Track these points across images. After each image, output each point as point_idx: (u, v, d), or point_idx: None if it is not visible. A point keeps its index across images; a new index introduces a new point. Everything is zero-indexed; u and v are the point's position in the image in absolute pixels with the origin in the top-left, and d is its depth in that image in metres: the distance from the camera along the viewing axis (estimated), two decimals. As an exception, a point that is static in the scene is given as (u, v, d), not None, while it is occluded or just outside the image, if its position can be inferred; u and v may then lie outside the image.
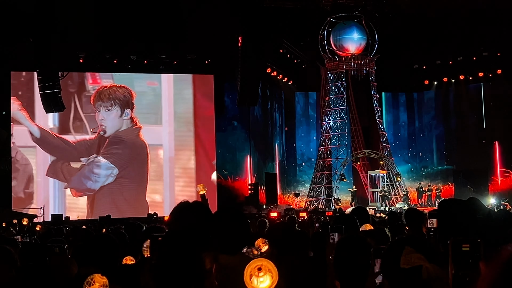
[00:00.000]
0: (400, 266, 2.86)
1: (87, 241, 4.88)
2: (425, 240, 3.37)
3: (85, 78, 30.82)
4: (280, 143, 37.19)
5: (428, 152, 38.63)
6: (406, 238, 3.10)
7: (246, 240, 3.84)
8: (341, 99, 36.22)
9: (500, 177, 35.15)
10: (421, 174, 38.25)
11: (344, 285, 3.75)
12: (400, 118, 39.49)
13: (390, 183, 34.81)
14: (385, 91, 38.32)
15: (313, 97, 38.88)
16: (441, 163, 38.11)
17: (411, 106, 39.52)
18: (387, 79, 36.38)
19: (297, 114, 38.65)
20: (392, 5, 32.29)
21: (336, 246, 3.99)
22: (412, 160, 38.98)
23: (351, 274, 3.73)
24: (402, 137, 39.35)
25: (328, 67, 36.23)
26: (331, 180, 35.60)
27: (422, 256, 2.87)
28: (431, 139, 38.66)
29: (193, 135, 31.89)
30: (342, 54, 35.65)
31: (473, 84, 36.19)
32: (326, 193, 35.38)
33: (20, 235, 11.67)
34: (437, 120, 38.57)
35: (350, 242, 3.89)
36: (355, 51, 35.47)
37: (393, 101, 39.64)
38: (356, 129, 36.45)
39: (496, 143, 35.74)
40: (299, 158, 38.37)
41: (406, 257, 2.88)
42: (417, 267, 2.82)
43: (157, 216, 26.27)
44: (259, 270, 2.82)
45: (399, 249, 2.92)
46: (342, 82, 36.07)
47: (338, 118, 36.20)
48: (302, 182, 37.88)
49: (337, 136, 36.27)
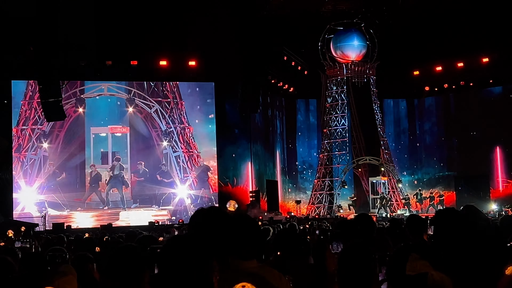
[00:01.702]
0: (406, 273, 2.84)
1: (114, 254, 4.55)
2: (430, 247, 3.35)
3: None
4: (281, 150, 37.18)
5: (429, 158, 38.58)
6: (412, 245, 3.08)
7: (260, 246, 3.86)
8: (341, 106, 36.23)
9: (502, 183, 35.11)
10: (422, 180, 38.19)
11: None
12: (401, 125, 39.49)
13: (391, 189, 34.78)
14: (386, 97, 38.32)
15: (313, 104, 38.88)
16: (442, 169, 38.06)
17: (412, 113, 39.52)
18: (388, 86, 36.38)
19: (298, 121, 38.66)
20: (392, 12, 32.31)
21: (339, 255, 3.97)
22: (413, 166, 38.93)
23: (354, 283, 3.71)
24: (403, 143, 39.33)
25: (329, 74, 36.26)
26: (333, 187, 35.59)
27: (428, 263, 2.85)
28: (432, 145, 38.63)
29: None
30: (343, 61, 35.69)
31: (474, 90, 36.17)
32: (327, 200, 35.34)
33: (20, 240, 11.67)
34: (437, 126, 38.55)
35: (354, 251, 3.86)
36: (356, 58, 35.51)
37: (394, 108, 39.64)
38: (357, 136, 36.42)
39: (497, 149, 35.71)
40: (300, 165, 38.36)
41: (411, 264, 2.86)
42: (423, 274, 2.80)
43: (159, 224, 26.29)
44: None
45: (405, 256, 2.91)
46: (343, 89, 36.09)
47: (339, 125, 36.20)
48: (303, 189, 37.86)
49: (338, 142, 36.26)
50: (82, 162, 30.87)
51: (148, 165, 31.59)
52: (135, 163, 31.54)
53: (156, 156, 31.83)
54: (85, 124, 30.88)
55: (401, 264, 2.86)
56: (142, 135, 31.90)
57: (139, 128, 31.76)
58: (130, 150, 31.62)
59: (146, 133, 31.90)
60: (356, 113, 36.32)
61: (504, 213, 27.35)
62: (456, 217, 4.09)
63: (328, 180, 35.89)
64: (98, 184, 31.03)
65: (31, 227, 23.05)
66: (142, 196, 31.45)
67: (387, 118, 38.77)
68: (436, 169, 38.24)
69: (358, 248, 3.86)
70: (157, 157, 31.83)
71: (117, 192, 31.06)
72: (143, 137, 31.88)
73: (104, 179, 31.02)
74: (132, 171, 31.47)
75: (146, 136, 31.91)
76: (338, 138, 36.24)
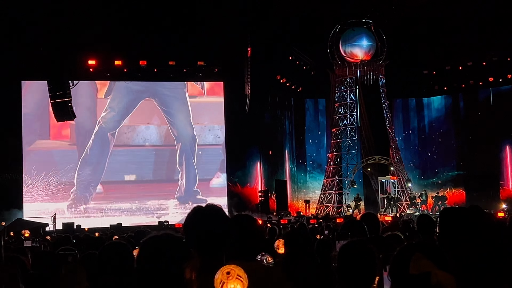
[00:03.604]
0: (409, 272, 2.86)
1: (101, 250, 4.74)
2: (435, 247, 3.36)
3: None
4: (290, 150, 37.14)
5: (438, 157, 38.44)
6: (416, 244, 3.09)
7: (260, 247, 3.85)
8: (351, 105, 36.17)
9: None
10: (431, 179, 38.06)
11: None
12: (410, 124, 39.38)
13: (400, 189, 34.68)
14: (395, 97, 38.21)
15: (322, 103, 38.83)
16: (452, 168, 37.93)
17: (421, 112, 39.39)
18: (397, 85, 36.28)
19: (307, 121, 38.59)
20: (401, 11, 32.22)
21: (339, 252, 3.98)
22: (423, 165, 38.80)
23: (354, 280, 3.73)
24: (412, 142, 39.21)
25: (338, 73, 36.19)
26: (342, 186, 35.53)
27: (431, 263, 2.87)
28: (441, 145, 38.48)
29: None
30: (352, 61, 35.61)
31: (483, 89, 36.03)
32: (337, 200, 35.29)
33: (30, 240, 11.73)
34: (447, 126, 38.41)
35: (353, 248, 3.87)
36: (365, 58, 35.43)
37: (403, 107, 39.53)
38: (366, 135, 36.33)
39: (507, 148, 35.55)
40: (309, 165, 38.30)
41: (415, 263, 2.87)
42: (426, 273, 2.82)
43: (168, 224, 26.33)
44: (228, 274, 2.82)
45: (409, 255, 2.92)
46: (352, 88, 36.03)
47: (348, 124, 36.15)
48: (312, 189, 37.80)
49: (347, 142, 36.20)
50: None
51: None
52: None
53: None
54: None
55: (405, 263, 2.88)
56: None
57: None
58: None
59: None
60: (365, 112, 36.23)
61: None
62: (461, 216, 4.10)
63: (337, 180, 35.85)
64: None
65: (41, 227, 23.21)
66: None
67: (396, 117, 38.66)
68: (446, 169, 38.09)
69: (356, 246, 3.88)
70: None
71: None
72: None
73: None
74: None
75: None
76: (347, 138, 36.18)
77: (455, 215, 3.86)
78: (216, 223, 3.36)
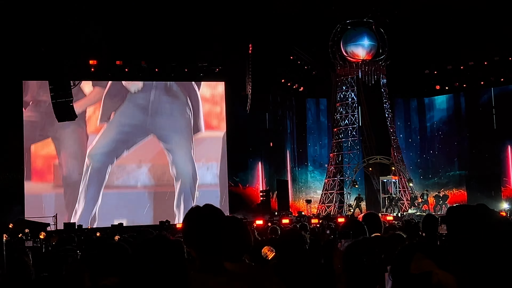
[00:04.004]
0: (410, 272, 2.86)
1: (102, 250, 4.73)
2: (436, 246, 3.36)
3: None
4: (292, 150, 37.15)
5: (440, 157, 38.42)
6: (417, 244, 3.09)
7: (248, 248, 3.89)
8: (352, 105, 36.17)
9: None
10: (433, 179, 38.05)
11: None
12: (411, 124, 39.37)
13: (402, 188, 34.67)
14: (396, 96, 38.20)
15: (324, 103, 38.84)
16: (453, 168, 37.91)
17: (423, 111, 39.38)
18: (398, 85, 36.28)
19: (308, 121, 38.60)
20: (402, 11, 32.21)
21: (343, 252, 3.99)
22: (424, 165, 38.78)
23: (359, 280, 3.73)
24: (413, 142, 39.20)
25: (339, 73, 36.20)
26: (343, 186, 35.53)
27: (432, 262, 2.86)
28: (443, 144, 38.45)
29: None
30: (353, 60, 35.61)
31: (485, 89, 36.01)
32: (338, 199, 35.29)
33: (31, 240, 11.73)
34: (448, 125, 38.39)
35: (357, 248, 3.88)
36: (366, 57, 35.42)
37: (405, 107, 39.52)
38: (368, 135, 36.33)
39: (508, 148, 35.52)
40: (311, 165, 38.31)
41: (416, 262, 2.87)
42: (427, 273, 2.82)
43: (169, 224, 26.36)
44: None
45: (410, 254, 2.92)
46: (353, 88, 36.02)
47: (350, 124, 36.14)
48: (313, 188, 37.81)
49: (349, 142, 36.21)
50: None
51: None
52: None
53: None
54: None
55: (406, 263, 2.88)
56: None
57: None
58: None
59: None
60: (367, 112, 36.23)
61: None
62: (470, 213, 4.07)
63: (338, 179, 35.85)
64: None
65: (42, 227, 23.18)
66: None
67: (397, 117, 38.65)
68: (447, 168, 38.08)
69: (359, 246, 3.89)
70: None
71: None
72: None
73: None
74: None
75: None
76: (349, 137, 36.18)
77: (464, 213, 3.84)
78: (214, 223, 3.37)
